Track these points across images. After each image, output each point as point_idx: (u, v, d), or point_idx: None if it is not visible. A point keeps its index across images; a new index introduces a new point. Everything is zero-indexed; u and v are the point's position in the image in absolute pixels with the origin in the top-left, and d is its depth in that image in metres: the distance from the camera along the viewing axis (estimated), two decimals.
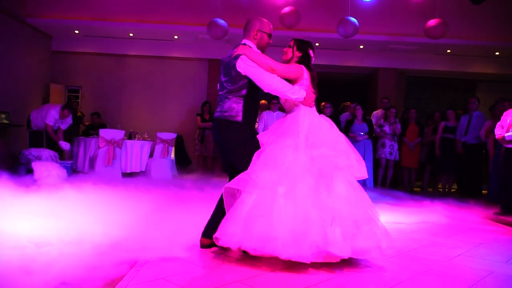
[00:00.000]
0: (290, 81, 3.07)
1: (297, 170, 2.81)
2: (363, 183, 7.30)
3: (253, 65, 2.98)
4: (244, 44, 3.12)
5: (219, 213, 3.02)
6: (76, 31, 9.41)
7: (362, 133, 7.71)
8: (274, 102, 8.07)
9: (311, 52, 3.21)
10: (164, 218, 3.80)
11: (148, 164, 7.91)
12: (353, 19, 7.60)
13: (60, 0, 8.65)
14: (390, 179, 8.00)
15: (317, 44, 9.30)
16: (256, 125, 7.88)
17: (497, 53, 9.48)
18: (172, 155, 8.47)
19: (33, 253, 2.68)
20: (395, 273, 2.71)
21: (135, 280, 2.38)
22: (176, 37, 9.50)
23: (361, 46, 9.49)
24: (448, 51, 9.56)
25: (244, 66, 2.99)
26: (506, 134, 5.31)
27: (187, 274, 2.54)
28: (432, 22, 7.46)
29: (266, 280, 2.48)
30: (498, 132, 5.51)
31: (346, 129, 7.82)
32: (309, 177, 2.80)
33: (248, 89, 3.03)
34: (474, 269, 2.89)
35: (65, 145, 7.32)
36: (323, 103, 7.93)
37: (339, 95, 10.71)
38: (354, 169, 2.99)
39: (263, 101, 8.52)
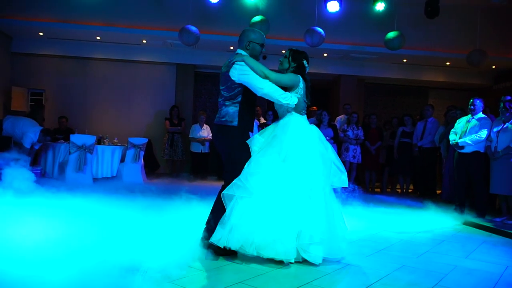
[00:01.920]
0: (286, 89, 3.30)
1: (278, 178, 3.09)
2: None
3: (245, 72, 3.19)
4: (240, 53, 3.33)
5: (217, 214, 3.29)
6: (41, 33, 9.21)
7: (327, 138, 8.13)
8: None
9: (305, 62, 3.47)
10: (154, 223, 3.93)
11: (119, 169, 7.92)
12: (319, 29, 8.01)
13: (25, 0, 8.44)
14: (352, 181, 8.49)
15: (283, 51, 9.61)
16: None
17: (448, 63, 10.25)
18: (142, 160, 8.52)
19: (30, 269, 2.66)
20: (375, 270, 3.04)
21: (143, 285, 2.53)
22: (144, 41, 9.53)
23: (325, 54, 9.95)
24: (404, 60, 10.22)
25: (237, 74, 3.21)
26: (460, 140, 5.87)
27: (190, 276, 2.73)
28: (391, 35, 8.06)
29: (266, 280, 2.74)
30: (452, 138, 6.07)
31: None
32: (289, 185, 3.08)
33: (243, 95, 3.26)
34: (441, 264, 3.29)
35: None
36: (315, 109, 8.40)
37: None
38: (334, 179, 3.29)
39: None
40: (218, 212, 3.36)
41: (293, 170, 3.12)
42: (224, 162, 3.39)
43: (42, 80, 9.92)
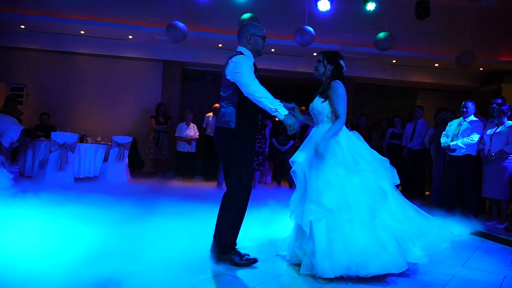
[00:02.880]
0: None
1: (351, 190, 2.93)
2: None
3: (238, 70, 2.96)
4: (240, 52, 3.13)
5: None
6: (22, 26, 8.89)
7: None
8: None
9: (342, 61, 3.31)
10: (143, 230, 3.73)
11: (102, 168, 7.67)
12: (310, 29, 7.89)
13: None
14: None
15: (272, 50, 9.51)
16: None
17: (436, 64, 10.25)
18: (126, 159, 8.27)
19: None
20: (370, 280, 2.91)
21: None
22: (130, 36, 9.28)
23: (315, 54, 9.79)
24: (394, 61, 10.18)
25: (230, 72, 3.01)
26: (451, 143, 5.81)
27: (184, 284, 2.56)
28: (381, 36, 7.98)
29: None
30: (444, 141, 6.01)
31: (301, 134, 8.11)
32: (364, 194, 2.94)
33: (239, 96, 3.05)
34: (438, 274, 3.18)
35: None
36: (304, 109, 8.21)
37: (291, 100, 11.00)
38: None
39: None
40: (224, 221, 3.15)
41: (363, 178, 2.98)
42: (223, 164, 3.23)
43: (23, 74, 9.61)
